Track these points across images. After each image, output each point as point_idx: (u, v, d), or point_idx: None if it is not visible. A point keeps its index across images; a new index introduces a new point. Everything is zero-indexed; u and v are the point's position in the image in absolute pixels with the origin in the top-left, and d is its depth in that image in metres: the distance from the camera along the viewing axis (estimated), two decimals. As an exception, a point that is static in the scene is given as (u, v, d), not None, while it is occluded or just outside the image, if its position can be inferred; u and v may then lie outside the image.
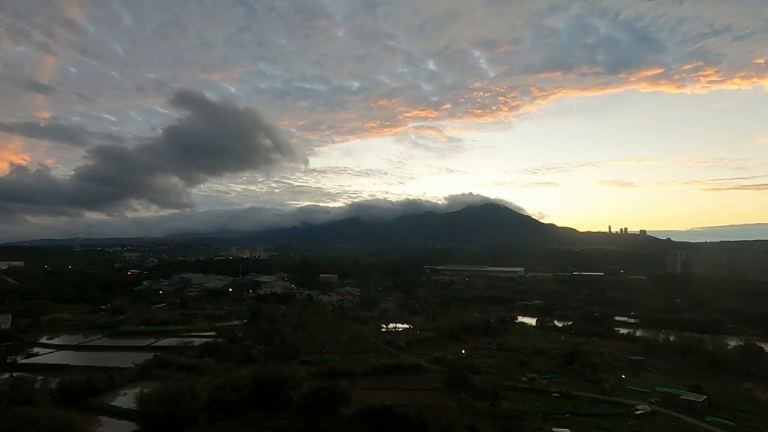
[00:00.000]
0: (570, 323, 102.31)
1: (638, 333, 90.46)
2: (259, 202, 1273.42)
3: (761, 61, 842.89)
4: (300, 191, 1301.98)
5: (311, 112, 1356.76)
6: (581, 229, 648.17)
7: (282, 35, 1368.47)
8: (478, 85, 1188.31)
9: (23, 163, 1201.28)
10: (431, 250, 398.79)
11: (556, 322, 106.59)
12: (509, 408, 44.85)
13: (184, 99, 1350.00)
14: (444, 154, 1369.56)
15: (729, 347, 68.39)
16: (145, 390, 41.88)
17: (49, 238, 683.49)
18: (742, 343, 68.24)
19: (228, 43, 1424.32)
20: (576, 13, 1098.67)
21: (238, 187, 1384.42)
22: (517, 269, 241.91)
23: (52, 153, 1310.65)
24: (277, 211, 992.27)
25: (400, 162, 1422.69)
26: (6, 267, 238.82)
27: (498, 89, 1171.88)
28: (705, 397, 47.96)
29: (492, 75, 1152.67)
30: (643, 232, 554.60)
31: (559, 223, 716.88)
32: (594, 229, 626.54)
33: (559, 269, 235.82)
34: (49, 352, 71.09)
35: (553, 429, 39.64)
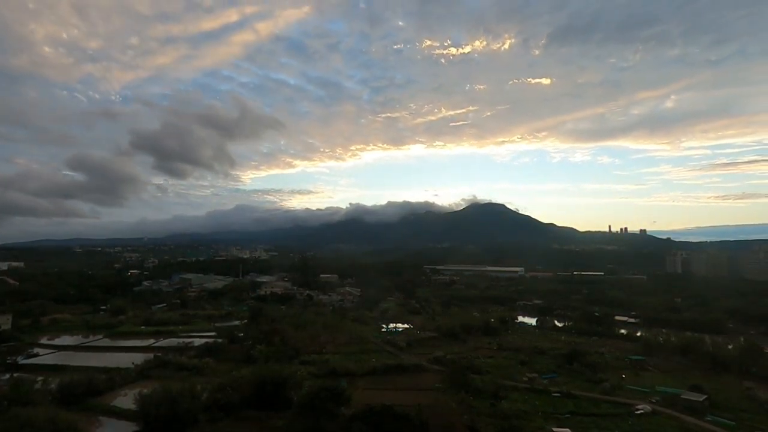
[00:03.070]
0: (570, 323, 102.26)
1: (638, 332, 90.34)
2: (257, 201, 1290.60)
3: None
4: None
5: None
6: (581, 228, 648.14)
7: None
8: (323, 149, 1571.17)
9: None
10: (431, 250, 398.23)
11: (556, 322, 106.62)
12: (510, 408, 44.79)
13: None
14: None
15: (729, 347, 68.36)
16: (146, 390, 41.80)
17: (49, 238, 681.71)
18: (742, 342, 68.25)
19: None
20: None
21: (231, 188, 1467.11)
22: (517, 269, 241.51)
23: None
24: (276, 211, 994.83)
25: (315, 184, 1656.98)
26: (6, 268, 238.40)
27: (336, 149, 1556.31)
28: (705, 396, 47.86)
29: (325, 145, 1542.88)
30: (643, 231, 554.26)
31: (553, 223, 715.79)
32: (594, 229, 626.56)
33: (560, 269, 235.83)
34: (50, 353, 70.97)
35: (554, 429, 39.60)
